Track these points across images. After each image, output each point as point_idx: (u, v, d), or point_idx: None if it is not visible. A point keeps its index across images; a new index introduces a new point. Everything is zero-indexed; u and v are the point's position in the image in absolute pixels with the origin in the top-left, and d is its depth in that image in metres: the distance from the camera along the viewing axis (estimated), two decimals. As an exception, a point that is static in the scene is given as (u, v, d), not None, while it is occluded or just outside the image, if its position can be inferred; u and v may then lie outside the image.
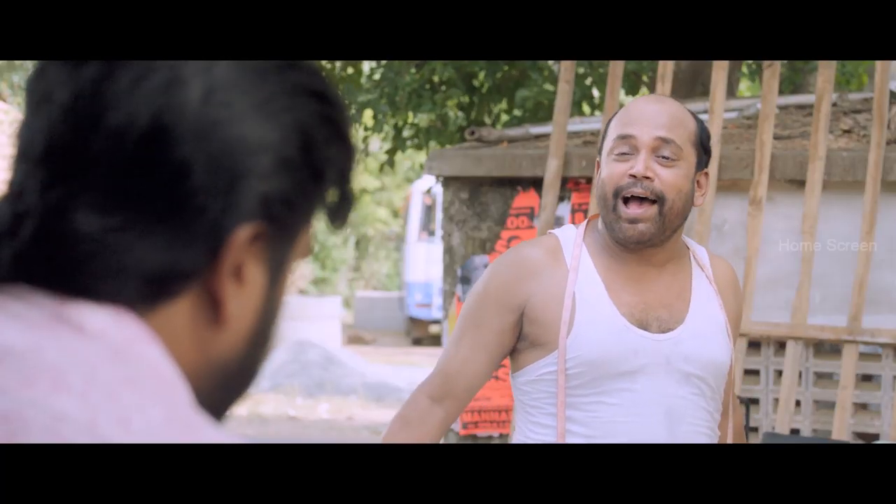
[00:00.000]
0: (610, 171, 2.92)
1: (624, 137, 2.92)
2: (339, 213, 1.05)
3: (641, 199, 2.89)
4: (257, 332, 1.03)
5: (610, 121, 3.01)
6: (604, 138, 3.00)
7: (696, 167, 2.96)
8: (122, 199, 0.95)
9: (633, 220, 2.89)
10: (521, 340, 2.98)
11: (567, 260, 2.96)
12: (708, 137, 3.00)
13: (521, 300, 2.94)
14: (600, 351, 2.90)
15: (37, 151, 0.96)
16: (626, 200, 2.90)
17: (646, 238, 2.90)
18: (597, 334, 2.90)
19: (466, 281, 6.59)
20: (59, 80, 0.96)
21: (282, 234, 1.01)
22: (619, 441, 2.90)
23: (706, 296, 3.01)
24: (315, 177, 1.01)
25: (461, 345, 2.99)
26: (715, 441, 3.02)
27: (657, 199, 2.89)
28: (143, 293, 0.96)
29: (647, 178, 2.88)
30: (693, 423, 2.94)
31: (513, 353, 3.01)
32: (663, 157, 2.90)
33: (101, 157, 0.94)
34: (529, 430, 3.01)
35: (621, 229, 2.90)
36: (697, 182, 2.97)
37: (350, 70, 10.11)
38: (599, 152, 3.00)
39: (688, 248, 3.06)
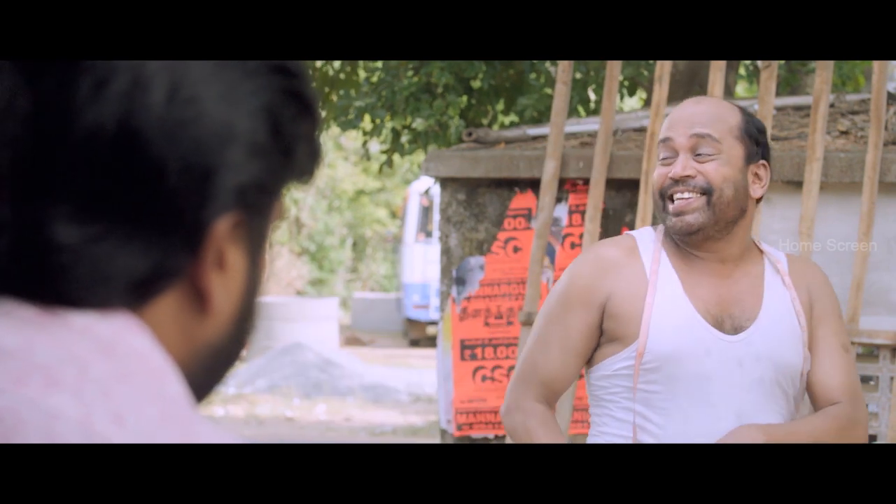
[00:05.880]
0: (656, 175, 3.03)
1: (664, 141, 3.03)
2: (307, 170, 1.05)
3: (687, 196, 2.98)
4: (242, 313, 1.03)
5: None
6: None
7: (747, 159, 3.02)
8: (98, 208, 0.94)
9: (679, 213, 2.98)
10: (601, 337, 3.05)
11: (644, 257, 3.05)
12: (759, 129, 3.05)
13: (602, 297, 3.02)
14: (674, 345, 2.96)
15: (3, 164, 0.94)
16: (673, 199, 2.99)
17: (694, 229, 2.98)
18: (672, 329, 2.97)
19: (461, 282, 6.59)
20: (16, 88, 0.94)
21: (258, 215, 1.01)
22: (690, 440, 2.95)
23: (780, 296, 3.04)
24: (285, 155, 1.01)
25: (551, 349, 3.06)
26: None
27: (705, 192, 2.97)
28: (128, 298, 0.96)
29: (689, 176, 2.97)
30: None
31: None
32: (702, 154, 2.98)
33: (73, 166, 0.93)
34: (605, 424, 3.07)
35: (672, 224, 3.00)
36: (756, 174, 3.04)
37: (348, 69, 10.10)
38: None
39: (761, 252, 3.10)
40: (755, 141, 3.03)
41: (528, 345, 3.12)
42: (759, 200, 3.08)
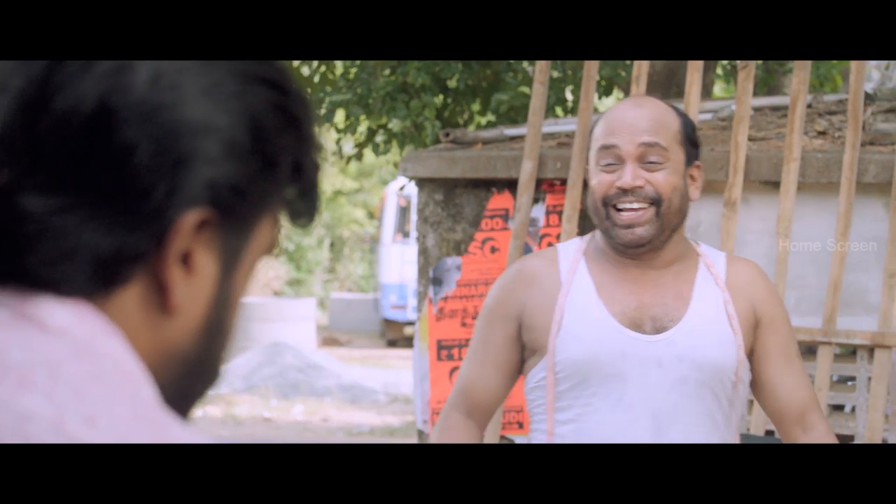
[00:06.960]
0: (598, 181, 2.93)
1: (608, 148, 2.92)
2: (302, 211, 1.04)
3: (637, 206, 2.90)
4: (212, 323, 1.02)
5: (594, 128, 3.01)
6: (590, 147, 3.00)
7: (686, 163, 2.96)
8: (67, 181, 0.94)
9: (629, 226, 2.90)
10: (525, 350, 3.02)
11: (562, 267, 2.99)
12: (693, 130, 2.99)
13: (517, 309, 2.99)
14: (587, 351, 2.91)
15: None
16: (619, 209, 2.91)
17: (644, 241, 2.91)
18: (583, 334, 2.91)
19: (438, 282, 6.58)
20: (13, 70, 0.96)
21: (233, 224, 1.01)
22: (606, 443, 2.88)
23: (710, 297, 2.96)
24: (267, 166, 1.01)
25: (473, 361, 3.07)
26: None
27: (654, 202, 2.90)
28: (92, 278, 0.96)
29: (638, 186, 2.89)
30: (686, 427, 2.90)
31: (523, 364, 3.05)
32: (650, 163, 2.90)
33: (48, 139, 0.94)
34: (532, 437, 3.05)
35: (618, 235, 2.91)
36: (691, 176, 2.99)
37: (323, 69, 10.08)
38: (588, 161, 3.01)
39: (697, 253, 3.03)
40: (692, 143, 2.98)
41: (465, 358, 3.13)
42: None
